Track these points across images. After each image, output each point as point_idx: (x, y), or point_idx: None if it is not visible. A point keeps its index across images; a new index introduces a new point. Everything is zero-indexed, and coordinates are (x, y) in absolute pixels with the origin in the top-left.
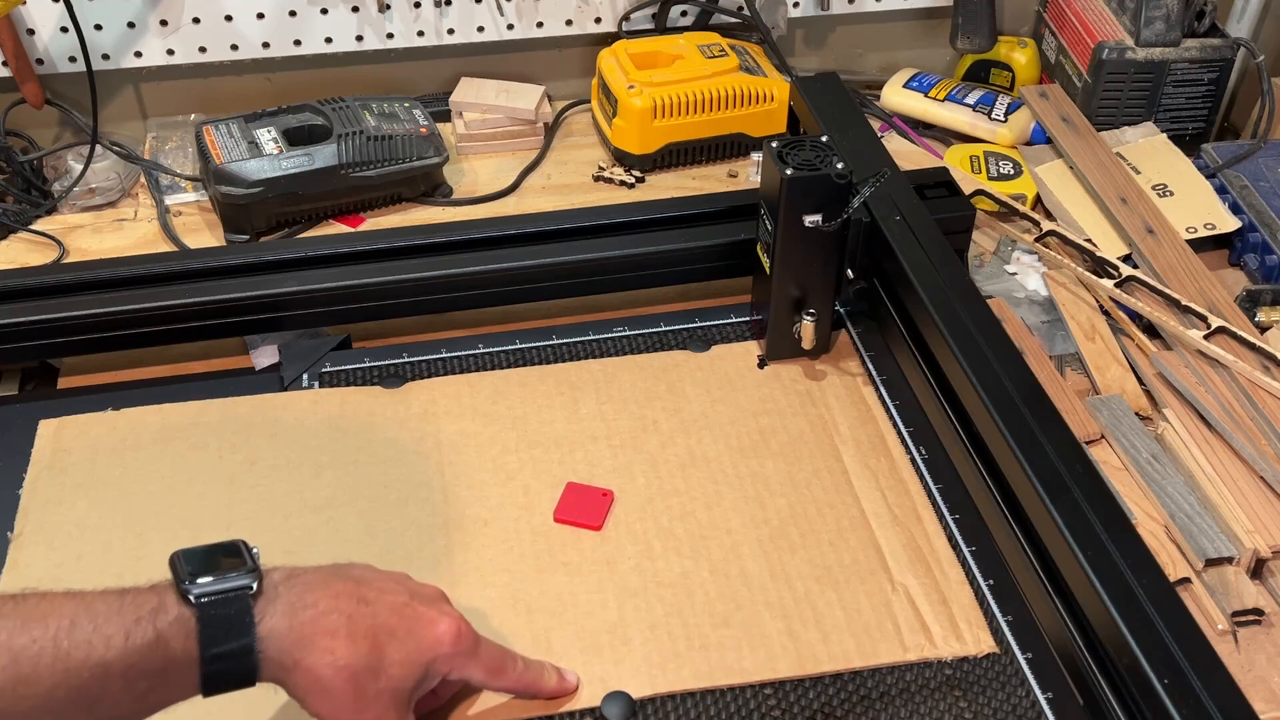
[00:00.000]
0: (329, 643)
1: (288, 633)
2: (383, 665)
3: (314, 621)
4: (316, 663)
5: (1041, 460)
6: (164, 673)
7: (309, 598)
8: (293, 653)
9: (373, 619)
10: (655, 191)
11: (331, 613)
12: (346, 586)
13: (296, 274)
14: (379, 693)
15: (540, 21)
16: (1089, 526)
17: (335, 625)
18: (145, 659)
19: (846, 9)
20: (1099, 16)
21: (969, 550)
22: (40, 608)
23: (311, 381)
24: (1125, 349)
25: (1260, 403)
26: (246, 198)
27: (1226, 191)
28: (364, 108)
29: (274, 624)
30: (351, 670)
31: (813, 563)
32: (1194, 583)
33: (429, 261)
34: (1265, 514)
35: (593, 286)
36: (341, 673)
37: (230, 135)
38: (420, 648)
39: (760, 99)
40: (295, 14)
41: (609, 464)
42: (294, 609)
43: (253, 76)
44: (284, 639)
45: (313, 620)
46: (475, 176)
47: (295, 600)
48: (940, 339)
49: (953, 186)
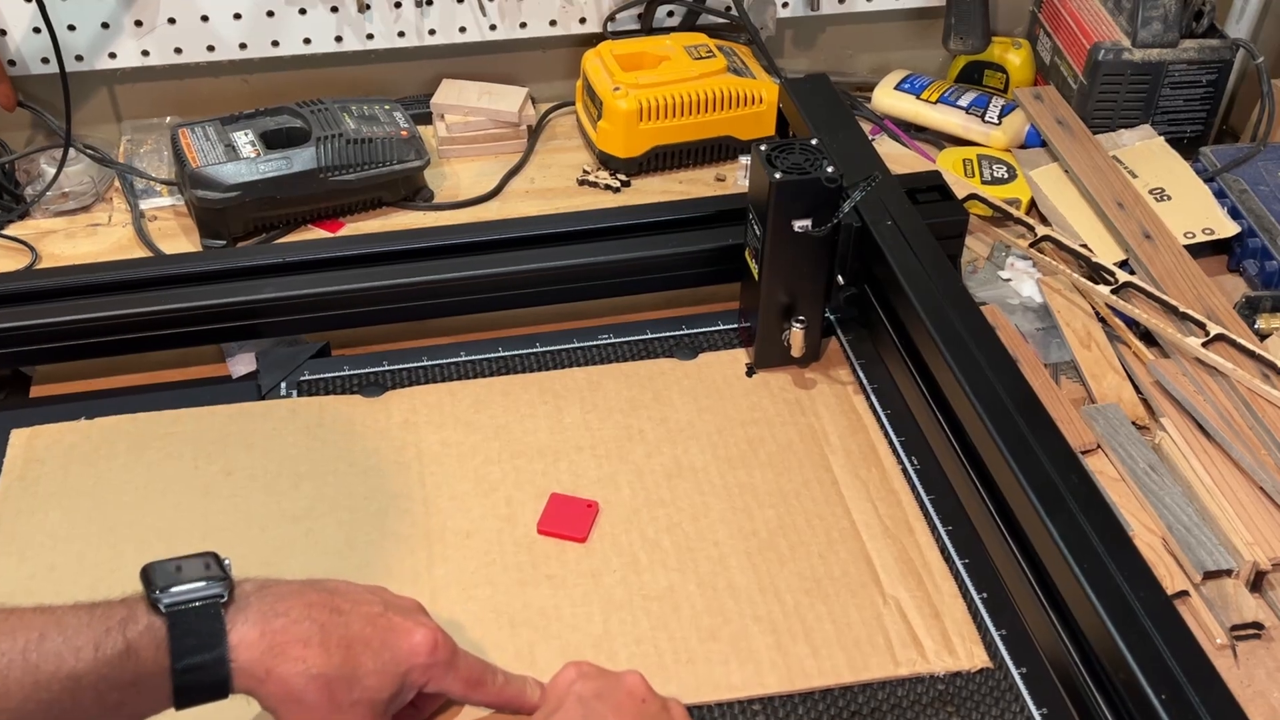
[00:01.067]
0: (301, 651)
1: (259, 640)
2: (357, 675)
3: (286, 630)
4: (289, 672)
5: (1036, 470)
6: (135, 684)
7: (281, 606)
8: (265, 661)
9: (346, 628)
10: (641, 196)
11: (304, 621)
12: (320, 597)
13: (274, 280)
14: (354, 703)
15: (524, 22)
16: (1085, 538)
17: (308, 634)
18: (116, 670)
19: (837, 9)
20: (1095, 17)
21: (962, 563)
22: (8, 622)
23: (289, 390)
24: (1122, 357)
25: (1260, 412)
26: (223, 202)
27: (1225, 196)
28: (343, 110)
29: (245, 632)
30: (325, 679)
31: (802, 575)
32: (1192, 596)
33: (410, 267)
34: (1265, 526)
35: (577, 293)
36: (314, 682)
37: (206, 138)
38: (395, 658)
39: (749, 101)
40: (273, 14)
41: (594, 474)
42: (266, 617)
43: (229, 78)
44: (255, 648)
45: (285, 628)
46: (457, 180)
47: (267, 609)
48: (933, 346)
49: (945, 191)
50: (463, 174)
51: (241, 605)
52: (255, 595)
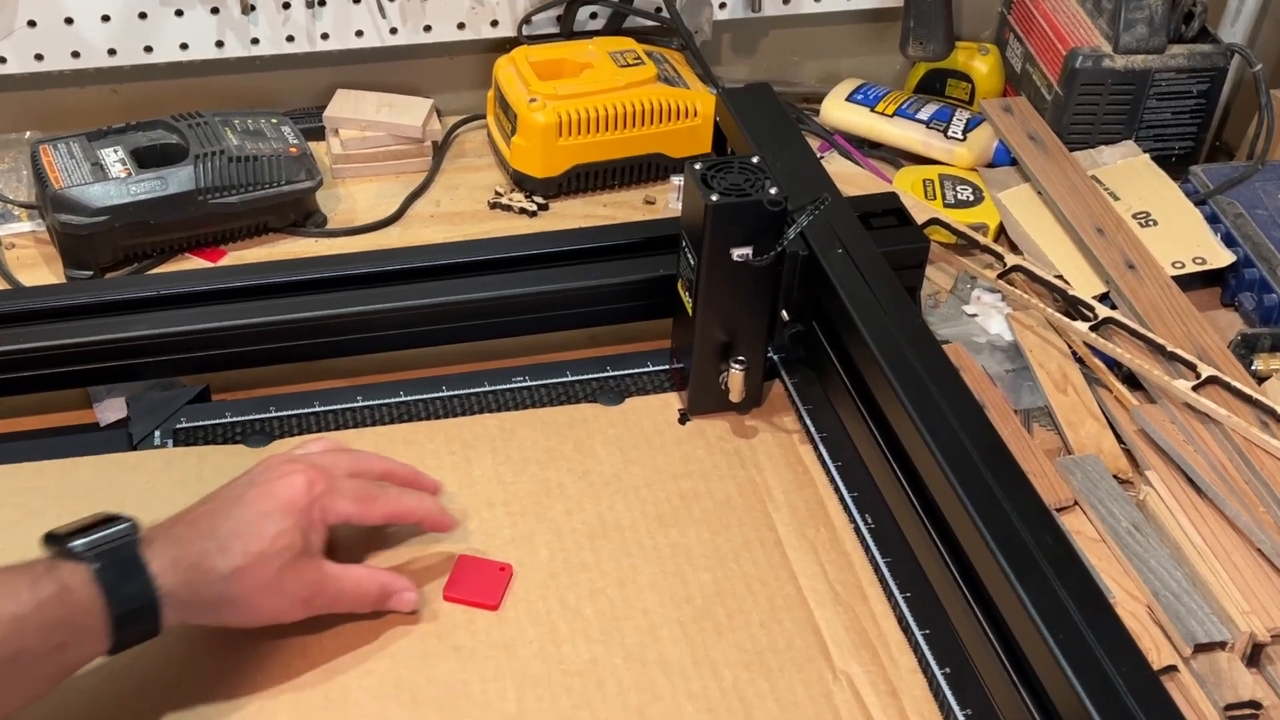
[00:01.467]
0: (210, 563)
1: (174, 565)
2: (266, 551)
3: (189, 548)
4: (210, 590)
5: (1005, 530)
6: (74, 622)
7: (177, 532)
8: (190, 584)
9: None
10: (560, 220)
11: (199, 537)
12: (201, 509)
13: (147, 315)
14: (279, 573)
15: (428, 25)
16: (1060, 606)
17: (206, 546)
18: (55, 609)
19: (780, 10)
20: (1072, 19)
21: (922, 633)
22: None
23: (165, 439)
24: (1102, 402)
25: (1257, 464)
26: (90, 228)
27: (1219, 221)
28: (225, 124)
29: (161, 562)
30: (239, 572)
31: (742, 647)
32: (1181, 671)
33: (300, 301)
34: (1263, 592)
35: (489, 330)
36: (234, 580)
37: (71, 156)
38: (283, 509)
39: (682, 114)
40: (146, 16)
41: (507, 534)
42: (175, 541)
43: (97, 88)
44: (174, 572)
45: (188, 549)
46: (353, 203)
47: (171, 537)
48: (889, 390)
49: (903, 215)
50: (359, 196)
51: (149, 541)
52: (159, 530)
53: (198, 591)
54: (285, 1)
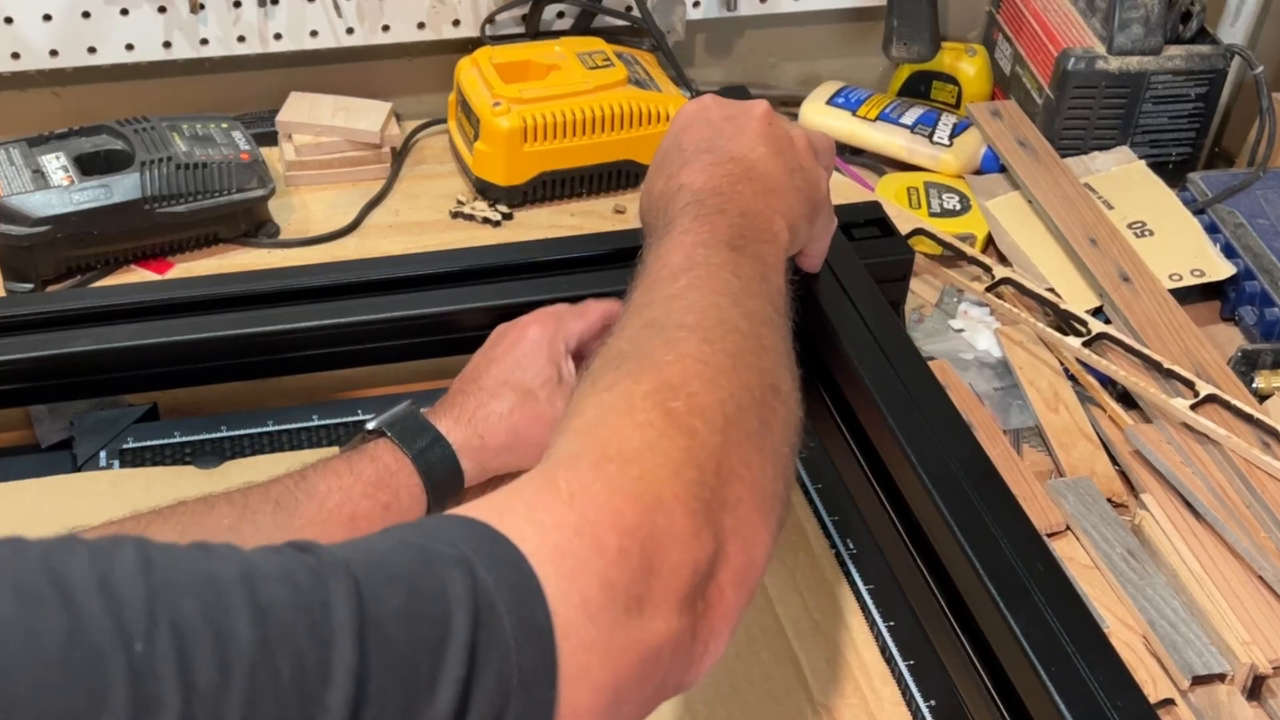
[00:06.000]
0: (490, 406)
1: (457, 421)
2: (530, 382)
3: (469, 399)
4: (492, 423)
5: (994, 556)
6: (391, 482)
7: (451, 399)
8: (478, 433)
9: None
10: (526, 231)
11: (474, 393)
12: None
13: (91, 330)
14: (548, 402)
15: (386, 24)
16: (1052, 636)
17: (481, 398)
18: (371, 475)
19: (757, 9)
20: (1063, 19)
21: (906, 664)
22: (254, 493)
23: (110, 460)
24: (1095, 421)
25: (1258, 487)
26: (30, 238)
27: (1218, 231)
28: (173, 129)
29: (446, 422)
30: (515, 408)
31: (716, 680)
32: (1179, 705)
33: (252, 315)
34: (1264, 622)
35: (450, 346)
36: (513, 415)
37: (10, 163)
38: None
39: (653, 119)
40: (89, 15)
41: None
42: (451, 406)
43: (38, 91)
44: (459, 426)
45: (467, 399)
46: (307, 212)
47: (448, 403)
48: (872, 409)
49: (886, 225)
50: (314, 205)
51: (429, 412)
52: (434, 407)
53: (485, 439)
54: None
